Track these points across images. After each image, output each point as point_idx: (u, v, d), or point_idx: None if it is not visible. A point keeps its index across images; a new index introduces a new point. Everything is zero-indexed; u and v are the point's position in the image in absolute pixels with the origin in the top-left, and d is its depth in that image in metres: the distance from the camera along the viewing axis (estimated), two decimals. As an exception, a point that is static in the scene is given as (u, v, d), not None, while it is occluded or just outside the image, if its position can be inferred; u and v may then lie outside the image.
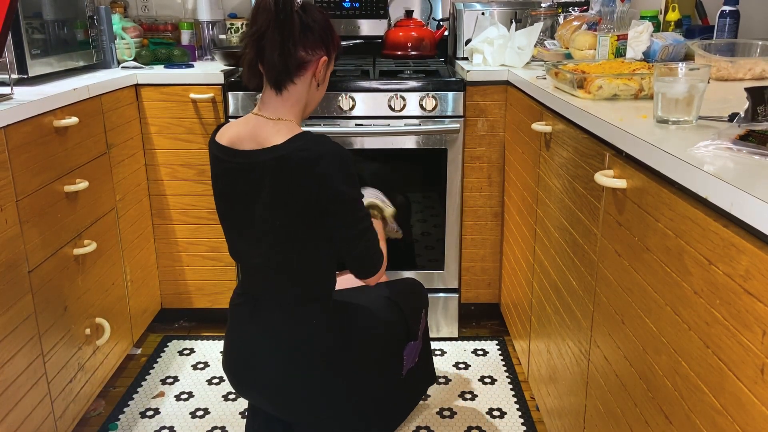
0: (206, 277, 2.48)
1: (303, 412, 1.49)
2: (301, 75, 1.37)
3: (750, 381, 0.78)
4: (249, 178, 1.35)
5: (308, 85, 1.39)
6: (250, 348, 1.46)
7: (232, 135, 1.39)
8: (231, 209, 1.42)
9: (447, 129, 2.22)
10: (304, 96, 1.40)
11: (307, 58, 1.36)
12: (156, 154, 2.35)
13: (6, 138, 1.51)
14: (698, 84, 1.13)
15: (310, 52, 1.36)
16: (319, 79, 1.41)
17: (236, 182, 1.38)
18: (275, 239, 1.37)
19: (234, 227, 1.44)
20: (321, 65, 1.39)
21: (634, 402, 1.14)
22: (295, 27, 1.32)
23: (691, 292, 0.92)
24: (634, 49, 1.91)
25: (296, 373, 1.43)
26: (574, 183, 1.47)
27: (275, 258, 1.40)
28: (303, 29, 1.33)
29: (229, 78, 2.29)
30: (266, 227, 1.36)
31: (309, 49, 1.36)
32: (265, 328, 1.45)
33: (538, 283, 1.85)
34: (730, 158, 0.93)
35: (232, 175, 1.38)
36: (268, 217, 1.35)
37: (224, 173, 1.40)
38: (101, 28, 2.35)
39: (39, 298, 1.64)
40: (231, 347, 1.50)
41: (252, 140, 1.36)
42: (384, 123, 2.20)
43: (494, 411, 2.05)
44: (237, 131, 1.39)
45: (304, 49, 1.35)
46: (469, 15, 2.49)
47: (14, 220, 1.54)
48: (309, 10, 1.36)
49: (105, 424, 2.01)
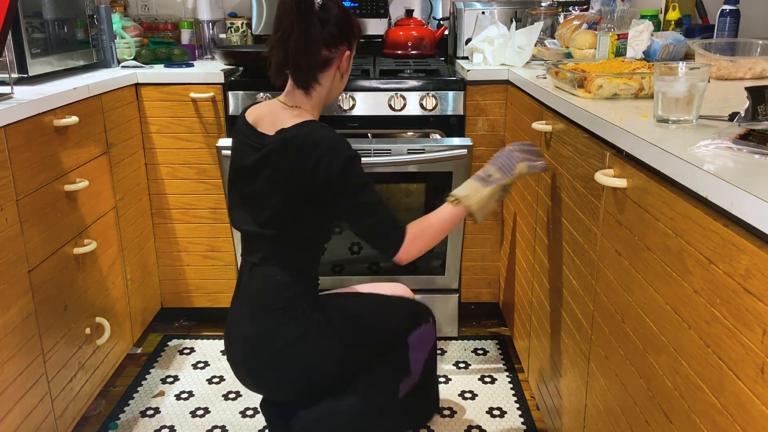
0: (206, 277, 2.48)
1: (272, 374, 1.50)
2: (326, 72, 1.46)
3: (750, 380, 0.78)
4: (257, 156, 1.44)
5: (332, 78, 1.49)
6: (240, 308, 1.53)
7: (257, 115, 1.50)
8: (238, 179, 1.52)
9: (453, 156, 2.14)
10: (327, 87, 1.49)
11: (330, 56, 1.44)
12: (156, 153, 2.35)
13: (6, 137, 1.51)
14: (698, 83, 1.13)
15: (333, 50, 1.44)
16: (343, 71, 1.50)
17: (246, 157, 1.47)
18: (270, 213, 1.45)
19: (239, 196, 1.53)
20: (345, 59, 1.47)
21: (634, 401, 1.14)
22: (317, 28, 1.38)
23: (691, 291, 0.92)
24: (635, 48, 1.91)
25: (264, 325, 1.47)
26: (575, 182, 1.47)
27: (268, 230, 1.47)
28: (324, 29, 1.40)
29: (229, 77, 2.29)
30: (264, 201, 1.45)
31: (332, 47, 1.43)
32: (252, 292, 1.51)
33: (538, 282, 1.85)
34: (731, 157, 0.93)
35: (245, 150, 1.48)
36: (266, 192, 1.44)
37: (239, 146, 1.51)
38: (101, 27, 2.35)
39: (39, 298, 1.64)
40: (230, 309, 1.57)
41: (270, 123, 1.45)
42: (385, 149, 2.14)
43: (494, 410, 2.05)
44: (261, 112, 1.50)
45: (327, 48, 1.43)
46: (470, 14, 2.49)
47: (14, 219, 1.54)
48: (327, 7, 1.41)
49: (105, 423, 2.01)
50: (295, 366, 1.48)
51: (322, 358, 1.48)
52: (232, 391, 2.16)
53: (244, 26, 2.76)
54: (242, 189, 1.51)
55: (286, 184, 1.41)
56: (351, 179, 1.39)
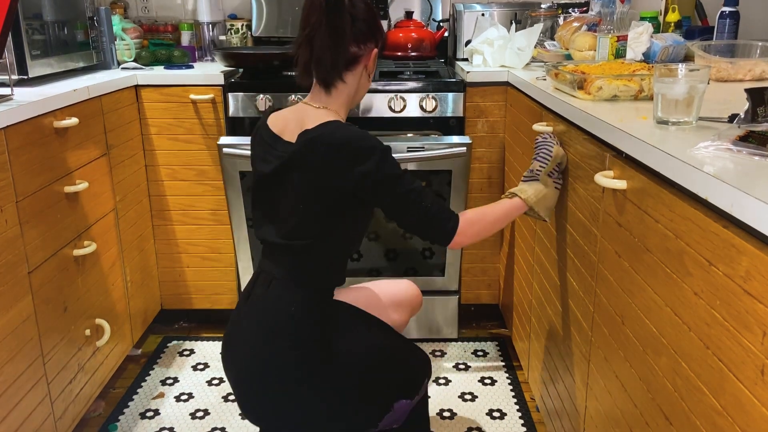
0: (206, 278, 2.48)
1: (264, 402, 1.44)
2: (354, 70, 1.41)
3: (750, 382, 0.78)
4: (279, 162, 1.38)
5: (359, 76, 1.43)
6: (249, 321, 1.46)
7: (282, 124, 1.43)
8: (260, 191, 1.46)
9: (453, 153, 2.14)
10: (354, 87, 1.44)
11: (359, 53, 1.39)
12: (156, 155, 2.35)
13: (6, 139, 1.51)
14: (698, 85, 1.13)
15: (362, 47, 1.39)
16: (370, 70, 1.45)
17: (269, 165, 1.41)
18: (297, 221, 1.39)
19: (262, 209, 1.47)
20: (372, 57, 1.43)
21: (634, 403, 1.14)
22: (347, 23, 1.34)
23: (691, 293, 0.92)
24: (634, 50, 1.91)
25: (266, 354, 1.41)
26: (575, 184, 1.47)
27: (295, 241, 1.40)
28: (354, 25, 1.36)
29: (229, 79, 2.29)
30: (290, 209, 1.39)
31: (361, 44, 1.39)
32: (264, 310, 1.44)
33: (538, 283, 1.85)
34: (730, 159, 0.93)
35: (268, 159, 1.41)
36: (293, 199, 1.38)
37: (262, 155, 1.44)
38: (101, 29, 2.35)
39: (39, 299, 1.64)
40: (236, 315, 1.50)
41: (295, 128, 1.39)
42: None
43: (494, 412, 2.05)
44: (285, 119, 1.43)
45: (357, 45, 1.38)
46: (469, 16, 2.49)
47: (14, 220, 1.54)
48: (356, 3, 1.37)
49: (105, 425, 2.01)
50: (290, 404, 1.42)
51: (320, 401, 1.43)
52: (231, 392, 2.16)
53: (244, 28, 2.76)
54: (266, 200, 1.45)
55: (315, 188, 1.35)
56: (388, 173, 1.33)
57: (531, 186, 1.49)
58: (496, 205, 1.47)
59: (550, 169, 1.50)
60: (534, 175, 1.50)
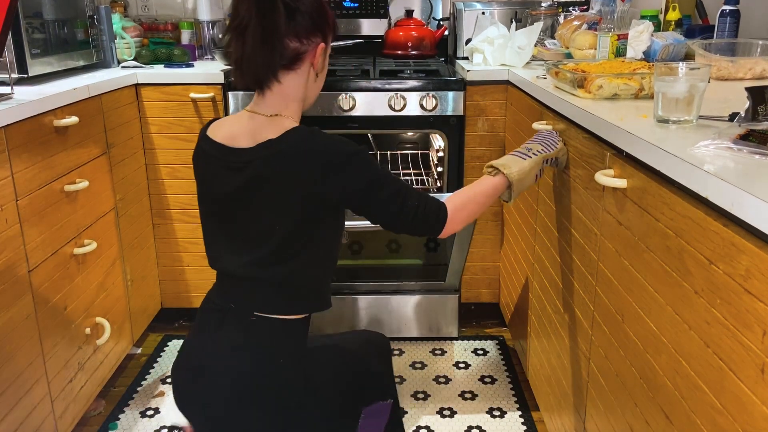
0: (206, 277, 2.48)
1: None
2: (297, 68, 1.25)
3: (750, 381, 0.78)
4: (241, 178, 1.23)
5: (306, 76, 1.27)
6: (205, 357, 1.30)
7: (226, 133, 1.27)
8: (218, 211, 1.30)
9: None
10: (302, 88, 1.28)
11: (301, 49, 1.23)
12: (156, 153, 2.35)
13: (6, 137, 1.51)
14: (698, 83, 1.13)
15: (304, 42, 1.23)
16: (318, 68, 1.28)
17: (226, 182, 1.25)
18: (277, 245, 1.24)
19: (221, 232, 1.31)
20: (319, 53, 1.26)
21: (634, 402, 1.14)
22: (281, 15, 1.18)
23: (691, 292, 0.92)
24: (635, 48, 1.91)
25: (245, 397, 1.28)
26: (575, 182, 1.47)
27: (274, 267, 1.25)
28: (290, 16, 1.20)
29: (229, 77, 2.29)
30: (265, 231, 1.24)
31: (303, 39, 1.23)
32: (227, 341, 1.29)
33: (538, 282, 1.85)
34: (731, 158, 0.93)
35: (221, 174, 1.26)
36: (267, 220, 1.23)
37: (211, 171, 1.28)
38: (101, 27, 2.35)
39: (39, 298, 1.64)
40: (186, 350, 1.35)
41: (248, 137, 1.24)
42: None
43: (494, 410, 2.05)
44: (230, 129, 1.27)
45: (297, 39, 1.22)
46: (470, 14, 2.49)
47: (14, 219, 1.54)
48: None
49: (105, 424, 2.01)
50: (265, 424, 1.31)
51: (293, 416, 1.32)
52: (232, 391, 2.16)
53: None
54: (227, 223, 1.28)
55: (291, 204, 1.21)
56: (370, 179, 1.23)
57: (516, 163, 1.38)
58: (480, 184, 1.37)
59: (550, 156, 1.46)
60: (527, 155, 1.42)
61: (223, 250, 1.31)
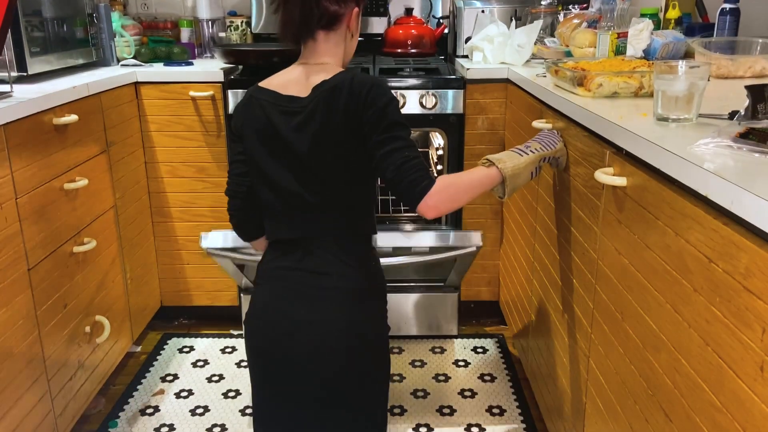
0: (206, 275, 2.48)
1: (337, 363, 1.37)
2: (337, 29, 1.38)
3: (750, 379, 0.78)
4: (299, 118, 1.34)
5: (344, 36, 1.41)
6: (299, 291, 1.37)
7: (279, 82, 1.39)
8: (271, 158, 1.38)
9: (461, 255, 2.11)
10: (341, 46, 1.42)
11: (340, 11, 1.37)
12: (156, 151, 2.35)
13: (5, 136, 1.51)
14: (698, 82, 1.13)
15: (342, 5, 1.37)
16: (353, 30, 1.42)
17: (281, 127, 1.35)
18: (326, 175, 1.35)
19: (274, 174, 1.38)
20: (354, 17, 1.40)
21: (633, 400, 1.14)
22: None
23: (691, 290, 0.92)
24: (635, 46, 1.91)
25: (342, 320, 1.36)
26: (575, 181, 1.47)
27: (327, 195, 1.36)
28: None
29: (229, 76, 2.29)
30: (317, 165, 1.34)
31: (341, 3, 1.37)
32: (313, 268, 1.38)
33: (538, 280, 1.85)
34: (731, 156, 0.93)
35: (276, 121, 1.35)
36: (318, 152, 1.33)
37: (265, 120, 1.37)
38: (101, 25, 2.35)
39: (39, 296, 1.64)
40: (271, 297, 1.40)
41: (300, 85, 1.36)
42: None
43: (494, 409, 2.06)
44: (283, 79, 1.40)
45: (336, 3, 1.36)
46: (469, 13, 2.49)
47: (14, 217, 1.54)
48: None
49: (105, 422, 2.01)
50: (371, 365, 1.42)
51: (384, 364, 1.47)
52: (231, 389, 2.16)
53: (243, 25, 2.76)
54: (280, 169, 1.37)
55: (339, 134, 1.32)
56: (391, 114, 1.32)
57: (512, 159, 1.40)
58: (471, 171, 1.39)
59: (548, 155, 1.47)
60: (525, 152, 1.44)
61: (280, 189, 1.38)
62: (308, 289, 1.38)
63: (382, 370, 1.46)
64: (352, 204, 1.40)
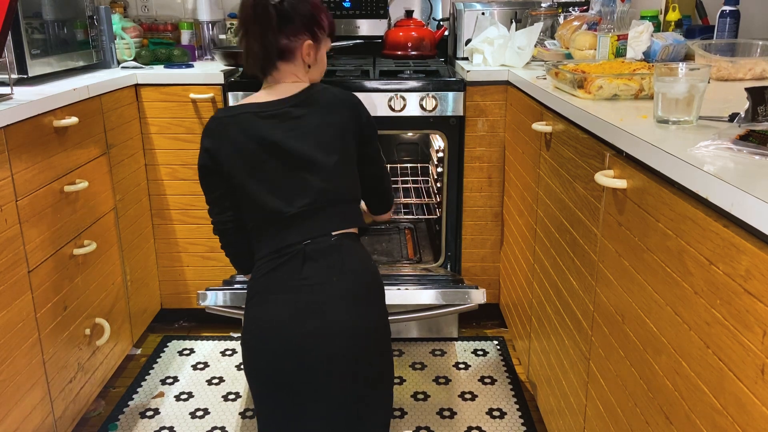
0: (206, 278, 2.48)
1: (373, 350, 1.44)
2: (290, 60, 1.50)
3: (750, 381, 0.78)
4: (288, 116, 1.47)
5: (302, 67, 1.53)
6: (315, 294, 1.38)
7: (249, 100, 1.51)
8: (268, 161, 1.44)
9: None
10: (303, 73, 1.53)
11: (291, 45, 1.49)
12: (156, 154, 2.35)
13: (6, 138, 1.51)
14: (698, 84, 1.13)
15: (292, 39, 1.49)
16: (309, 60, 1.53)
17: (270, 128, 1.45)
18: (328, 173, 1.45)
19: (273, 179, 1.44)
20: (306, 48, 1.51)
21: (634, 402, 1.14)
22: (272, 19, 1.46)
23: (691, 292, 0.92)
24: (635, 49, 1.91)
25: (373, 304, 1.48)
26: (575, 183, 1.47)
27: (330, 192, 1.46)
28: (281, 20, 1.47)
29: (229, 78, 2.29)
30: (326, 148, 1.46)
31: (291, 36, 1.48)
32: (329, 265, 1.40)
33: (538, 283, 1.85)
34: (731, 158, 0.93)
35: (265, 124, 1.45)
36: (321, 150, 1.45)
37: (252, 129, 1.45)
38: (101, 28, 2.35)
39: (39, 298, 1.64)
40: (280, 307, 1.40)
41: (276, 93, 1.50)
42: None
43: (494, 411, 2.05)
44: (253, 97, 1.52)
45: (287, 37, 1.48)
46: (469, 15, 2.49)
47: (14, 220, 1.54)
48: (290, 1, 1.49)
49: (105, 425, 2.01)
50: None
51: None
52: (231, 392, 2.16)
53: (243, 27, 2.76)
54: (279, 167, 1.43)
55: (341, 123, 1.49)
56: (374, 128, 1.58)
57: None
58: None
59: None
60: None
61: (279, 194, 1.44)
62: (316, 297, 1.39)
63: (390, 371, 1.53)
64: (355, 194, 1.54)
